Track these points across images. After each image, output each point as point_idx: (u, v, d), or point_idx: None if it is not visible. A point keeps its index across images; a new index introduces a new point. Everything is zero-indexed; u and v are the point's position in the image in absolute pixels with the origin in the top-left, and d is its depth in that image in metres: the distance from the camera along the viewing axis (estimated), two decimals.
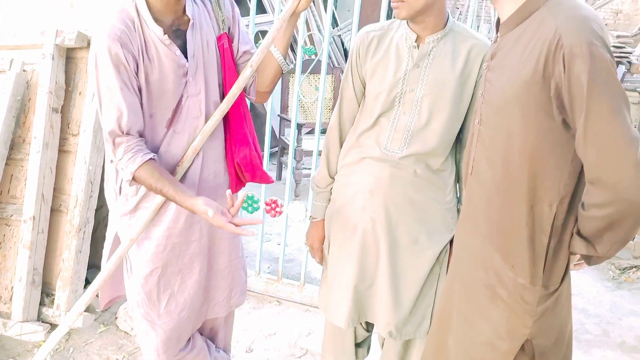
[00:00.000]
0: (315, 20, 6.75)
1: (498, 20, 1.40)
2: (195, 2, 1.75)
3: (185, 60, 1.70)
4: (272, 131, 5.16)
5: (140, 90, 1.66)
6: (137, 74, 1.64)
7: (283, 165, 5.22)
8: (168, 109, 1.72)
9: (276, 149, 5.35)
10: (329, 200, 1.96)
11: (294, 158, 4.53)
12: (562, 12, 1.24)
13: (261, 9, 5.72)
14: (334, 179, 1.95)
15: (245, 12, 5.50)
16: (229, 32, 1.82)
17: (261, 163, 1.94)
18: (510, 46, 1.33)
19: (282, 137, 5.11)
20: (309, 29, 6.36)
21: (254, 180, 1.92)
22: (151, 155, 1.66)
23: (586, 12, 1.24)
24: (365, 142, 1.84)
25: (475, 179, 1.46)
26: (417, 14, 1.67)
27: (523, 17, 1.31)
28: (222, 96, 1.82)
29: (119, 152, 1.65)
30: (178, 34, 1.70)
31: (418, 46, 1.73)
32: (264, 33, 3.81)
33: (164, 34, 1.66)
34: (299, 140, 4.71)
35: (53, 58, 2.70)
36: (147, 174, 1.64)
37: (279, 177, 5.20)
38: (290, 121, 4.73)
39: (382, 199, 1.80)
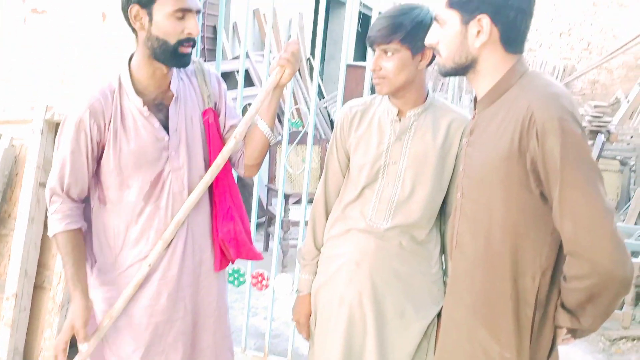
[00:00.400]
0: (302, 93, 6.92)
1: (475, 98, 1.46)
2: (181, 78, 1.79)
3: (166, 133, 1.73)
4: (260, 202, 5.18)
5: (102, 160, 1.71)
6: (102, 145, 1.69)
7: (270, 236, 5.20)
8: (145, 181, 1.73)
9: (263, 219, 5.34)
10: (316, 273, 1.95)
11: (281, 228, 4.52)
12: (533, 90, 1.29)
13: (249, 82, 5.86)
14: (321, 251, 1.95)
15: (233, 85, 5.63)
16: (215, 107, 1.85)
17: (249, 238, 1.91)
18: (487, 122, 1.37)
19: (269, 207, 5.13)
20: (296, 102, 6.51)
21: (239, 257, 1.90)
22: (77, 226, 1.73)
23: (556, 89, 1.30)
24: (350, 214, 1.86)
25: (459, 252, 1.47)
26: (397, 90, 1.74)
27: (498, 94, 1.36)
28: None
29: (51, 208, 1.73)
30: (160, 108, 1.73)
31: (400, 120, 1.79)
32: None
33: (144, 105, 1.70)
34: (286, 211, 4.72)
35: (42, 133, 2.73)
36: (63, 242, 1.71)
37: (266, 248, 5.18)
38: (277, 191, 4.76)
39: (368, 271, 1.80)
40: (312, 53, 8.45)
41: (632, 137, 7.54)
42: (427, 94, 1.81)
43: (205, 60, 6.38)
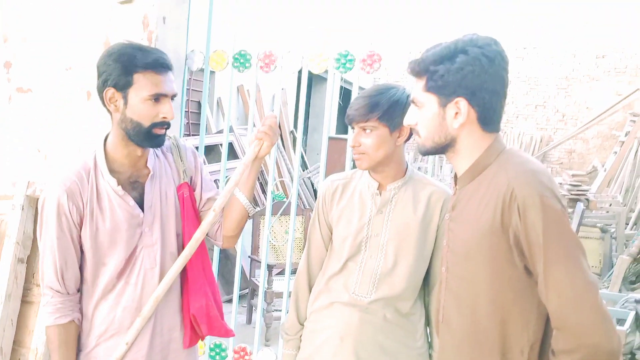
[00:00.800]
0: (286, 164, 6.99)
1: (455, 174, 1.49)
2: (157, 155, 1.81)
3: (141, 210, 1.73)
4: (243, 273, 5.13)
5: (82, 240, 1.70)
6: (81, 224, 1.69)
7: (253, 308, 5.11)
8: (120, 259, 1.72)
9: (246, 290, 5.27)
10: (299, 347, 1.92)
11: (265, 300, 4.46)
12: (512, 167, 1.33)
13: (234, 155, 5.93)
14: (304, 325, 1.92)
15: (217, 158, 5.69)
16: (190, 181, 1.86)
17: (220, 314, 1.87)
18: (468, 198, 1.40)
19: (252, 278, 5.07)
20: (280, 175, 6.57)
21: (211, 333, 1.85)
22: (67, 319, 1.70)
23: (534, 166, 1.35)
24: (334, 287, 1.85)
25: (446, 326, 1.47)
26: (377, 165, 1.78)
27: (477, 171, 1.40)
28: (182, 246, 1.81)
29: (43, 300, 1.72)
30: (135, 186, 1.74)
31: (380, 193, 1.82)
32: None
33: (119, 184, 1.71)
34: (269, 282, 4.67)
35: (23, 208, 2.72)
36: (51, 336, 1.70)
37: (249, 321, 5.07)
38: (261, 262, 4.72)
39: (352, 345, 1.78)
40: (295, 126, 8.61)
41: (610, 204, 7.66)
42: (406, 167, 1.85)
43: (189, 134, 6.48)
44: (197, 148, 5.13)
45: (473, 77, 1.33)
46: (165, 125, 1.69)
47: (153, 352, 1.76)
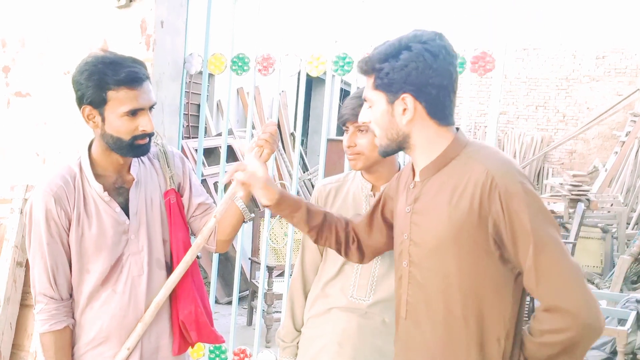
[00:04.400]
0: (286, 165, 7.00)
1: (412, 167, 1.48)
2: (142, 161, 1.79)
3: (126, 217, 1.72)
4: (243, 274, 5.13)
5: (69, 245, 1.69)
6: (69, 229, 1.68)
7: (254, 310, 5.11)
8: (105, 266, 1.70)
9: (247, 292, 5.27)
10: (297, 355, 1.91)
11: (265, 302, 4.46)
12: (487, 158, 1.35)
13: (232, 157, 5.93)
14: (301, 331, 1.91)
15: (217, 161, 5.69)
16: (178, 187, 1.85)
17: (210, 320, 1.86)
18: (435, 191, 1.39)
19: (252, 280, 5.06)
20: (280, 177, 6.58)
21: (200, 340, 1.83)
22: (62, 326, 1.69)
23: (506, 156, 1.38)
24: (330, 292, 1.84)
25: (412, 322, 1.44)
26: (372, 165, 1.78)
27: (443, 164, 1.39)
28: (169, 252, 1.81)
29: (37, 308, 1.70)
30: (121, 192, 1.73)
31: (374, 195, 1.81)
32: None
33: (104, 190, 1.70)
34: (269, 284, 4.66)
35: (21, 212, 2.73)
36: (47, 343, 1.68)
37: (250, 323, 5.07)
38: (260, 264, 4.72)
39: (351, 351, 1.77)
40: (295, 128, 8.62)
41: (612, 204, 7.66)
42: (399, 168, 1.85)
43: (189, 137, 6.48)
44: (196, 150, 5.15)
45: (417, 73, 1.33)
46: (147, 135, 1.67)
47: (141, 359, 1.74)
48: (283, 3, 7.51)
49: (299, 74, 2.89)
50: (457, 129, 1.43)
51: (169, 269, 1.81)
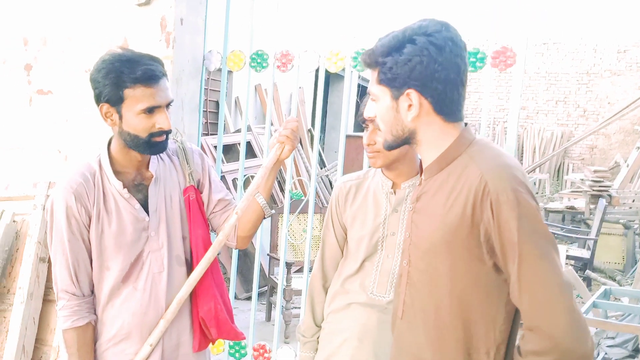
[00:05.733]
0: (304, 162, 7.00)
1: (421, 163, 1.43)
2: (161, 158, 1.80)
3: (146, 214, 1.73)
4: (262, 270, 5.15)
5: (90, 242, 1.70)
6: (89, 226, 1.69)
7: (272, 306, 5.13)
8: (125, 262, 1.71)
9: (265, 288, 5.29)
10: (317, 350, 1.91)
11: (283, 298, 4.47)
12: (485, 161, 1.27)
13: (252, 154, 5.95)
14: (321, 327, 1.92)
15: (236, 157, 5.71)
16: (198, 184, 1.85)
17: (230, 317, 1.85)
18: (435, 190, 1.34)
19: (271, 276, 5.09)
20: (298, 174, 6.58)
21: (220, 337, 1.83)
22: (84, 322, 1.70)
23: (508, 160, 1.28)
24: (350, 288, 1.84)
25: (406, 323, 1.41)
26: (392, 163, 1.77)
27: (446, 162, 1.33)
28: (189, 249, 1.81)
29: (59, 304, 1.71)
30: (140, 188, 1.74)
31: (395, 192, 1.81)
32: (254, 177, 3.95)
33: (124, 187, 1.71)
34: (288, 279, 4.68)
35: (44, 208, 2.76)
36: (70, 339, 1.70)
37: (269, 318, 5.10)
38: (279, 260, 4.74)
39: (371, 346, 1.77)
40: (313, 124, 8.62)
41: (633, 200, 7.55)
42: (419, 165, 1.84)
43: (207, 134, 6.52)
44: (214, 147, 5.16)
45: (422, 67, 1.26)
46: (164, 133, 1.68)
47: (162, 356, 1.76)
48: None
49: (317, 70, 2.88)
50: (466, 124, 1.37)
51: (189, 266, 1.82)
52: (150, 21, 2.73)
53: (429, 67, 1.26)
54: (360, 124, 1.81)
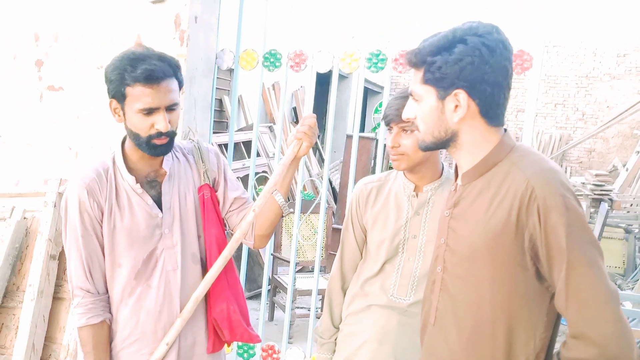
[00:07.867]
0: (305, 163, 6.99)
1: (456, 168, 1.41)
2: (175, 156, 1.79)
3: (159, 210, 1.72)
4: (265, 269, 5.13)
5: (103, 237, 1.70)
6: (102, 221, 1.69)
7: (275, 305, 5.12)
8: (137, 259, 1.70)
9: (268, 287, 5.28)
10: (334, 351, 1.91)
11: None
12: (530, 166, 1.25)
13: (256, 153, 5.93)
14: (339, 328, 1.91)
15: (238, 156, 5.70)
16: (213, 182, 1.84)
17: (245, 319, 1.83)
18: (474, 196, 1.32)
19: (274, 275, 5.07)
20: (310, 175, 6.57)
21: (234, 339, 1.81)
22: (99, 319, 1.69)
23: (552, 165, 1.27)
24: (370, 290, 1.83)
25: (439, 330, 1.39)
26: (415, 165, 1.77)
27: (486, 168, 1.31)
28: (203, 247, 1.80)
29: (74, 302, 1.71)
30: (153, 185, 1.74)
31: (417, 195, 1.80)
32: (258, 176, 3.94)
33: (137, 182, 1.70)
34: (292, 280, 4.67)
35: (55, 206, 2.74)
36: (85, 337, 1.69)
37: (271, 318, 5.08)
38: (283, 259, 4.73)
39: (390, 349, 1.77)
40: (320, 125, 8.60)
41: (631, 205, 7.57)
42: (442, 168, 1.84)
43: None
44: (219, 145, 5.14)
45: (472, 68, 1.24)
46: (163, 135, 1.64)
47: (178, 355, 1.75)
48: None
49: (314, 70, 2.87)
50: (505, 130, 1.35)
51: (203, 265, 1.80)
52: (165, 19, 2.72)
53: (480, 68, 1.25)
54: (385, 125, 1.80)
